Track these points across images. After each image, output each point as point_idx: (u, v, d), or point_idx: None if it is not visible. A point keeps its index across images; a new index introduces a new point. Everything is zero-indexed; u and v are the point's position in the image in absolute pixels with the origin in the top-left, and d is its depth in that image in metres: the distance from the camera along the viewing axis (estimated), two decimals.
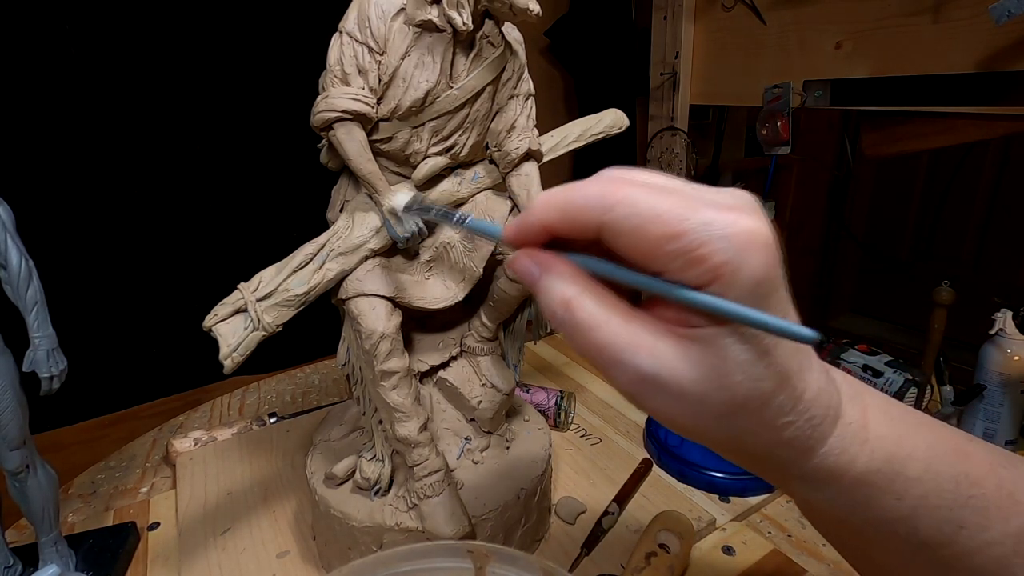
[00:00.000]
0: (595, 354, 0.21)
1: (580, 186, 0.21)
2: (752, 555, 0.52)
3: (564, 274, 0.21)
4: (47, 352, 0.46)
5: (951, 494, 0.23)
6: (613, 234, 0.20)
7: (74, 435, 1.05)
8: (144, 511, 0.60)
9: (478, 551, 0.28)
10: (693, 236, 0.18)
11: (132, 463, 0.69)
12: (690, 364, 0.20)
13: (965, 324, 0.80)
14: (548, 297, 0.22)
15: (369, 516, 0.44)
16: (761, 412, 0.21)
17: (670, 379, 0.20)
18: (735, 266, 0.18)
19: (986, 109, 0.74)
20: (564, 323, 0.21)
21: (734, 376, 0.20)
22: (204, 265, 1.12)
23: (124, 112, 0.99)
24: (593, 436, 0.69)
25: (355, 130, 0.40)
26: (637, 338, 0.20)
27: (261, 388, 0.85)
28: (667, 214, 0.19)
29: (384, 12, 0.39)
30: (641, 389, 0.21)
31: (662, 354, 0.20)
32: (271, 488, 0.60)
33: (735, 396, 0.20)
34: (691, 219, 0.18)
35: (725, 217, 0.19)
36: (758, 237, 0.19)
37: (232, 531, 0.54)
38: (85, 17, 0.93)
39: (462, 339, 0.51)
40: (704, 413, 0.21)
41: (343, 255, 0.42)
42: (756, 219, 0.19)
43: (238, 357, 0.39)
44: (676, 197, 0.19)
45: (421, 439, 0.44)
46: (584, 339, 0.21)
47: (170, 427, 0.77)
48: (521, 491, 0.47)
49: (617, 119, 0.53)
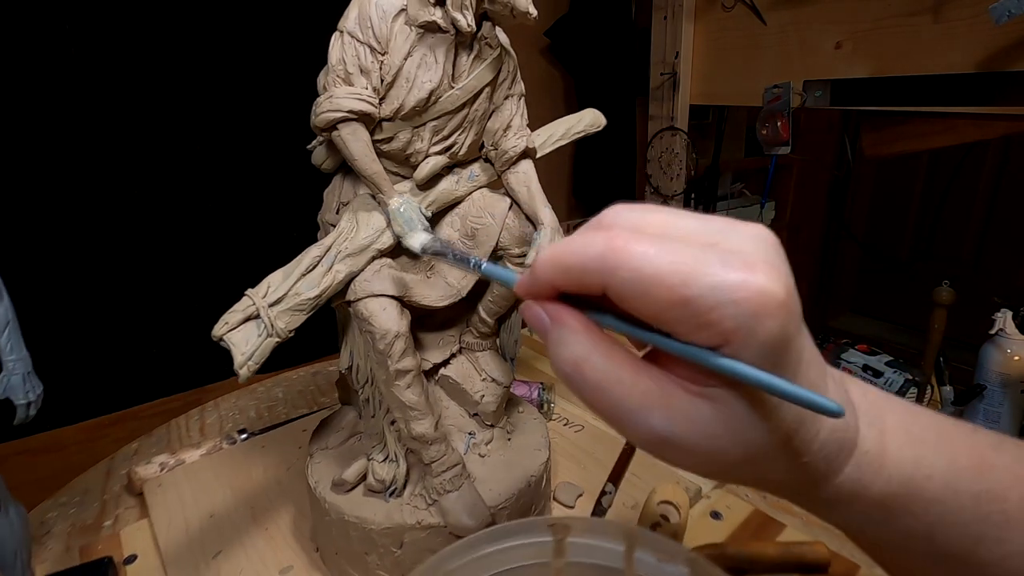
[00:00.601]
0: (606, 413, 0.21)
1: (582, 245, 0.19)
2: (737, 517, 0.55)
3: (574, 330, 0.21)
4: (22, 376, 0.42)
5: (970, 511, 0.23)
6: (618, 297, 0.19)
7: (74, 435, 1.05)
8: (115, 545, 0.55)
9: (558, 524, 0.29)
10: (700, 303, 0.18)
11: (87, 497, 0.62)
12: (703, 422, 0.20)
13: (965, 324, 0.80)
14: (557, 353, 0.21)
15: (387, 517, 0.44)
16: (774, 458, 0.21)
17: (682, 438, 0.20)
18: (747, 331, 0.18)
19: (986, 109, 0.74)
20: (572, 381, 0.21)
21: (747, 432, 0.20)
22: (204, 265, 1.12)
23: (124, 112, 0.99)
24: (575, 423, 0.71)
25: (360, 130, 0.40)
26: (648, 399, 0.20)
27: (220, 406, 0.79)
28: (671, 278, 0.18)
29: (385, 12, 0.39)
30: (656, 447, 0.21)
31: (674, 414, 0.20)
32: (258, 505, 0.58)
33: (748, 449, 0.20)
34: (698, 283, 0.17)
35: (735, 278, 0.17)
36: (771, 299, 0.18)
37: (224, 554, 0.52)
38: (85, 17, 0.93)
39: (461, 336, 0.52)
40: (720, 465, 0.21)
41: (351, 256, 0.42)
42: (770, 275, 0.18)
43: (253, 365, 0.39)
44: (682, 255, 0.18)
45: (437, 435, 0.45)
46: (594, 398, 0.21)
47: (123, 455, 0.70)
48: (531, 478, 0.48)
49: (595, 118, 0.54)
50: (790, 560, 0.47)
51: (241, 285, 0.42)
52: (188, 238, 1.10)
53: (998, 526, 0.23)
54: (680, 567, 0.28)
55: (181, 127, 1.05)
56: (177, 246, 1.09)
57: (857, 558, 0.50)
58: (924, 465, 0.23)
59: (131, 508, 0.61)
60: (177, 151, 1.06)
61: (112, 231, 1.02)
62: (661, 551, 0.28)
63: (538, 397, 0.72)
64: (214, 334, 0.39)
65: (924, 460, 0.23)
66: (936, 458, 0.23)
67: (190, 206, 1.09)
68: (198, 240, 1.11)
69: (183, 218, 1.09)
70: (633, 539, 0.29)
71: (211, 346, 0.40)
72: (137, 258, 1.06)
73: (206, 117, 1.07)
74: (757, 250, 0.19)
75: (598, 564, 0.29)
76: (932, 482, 0.23)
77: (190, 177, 1.08)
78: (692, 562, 0.27)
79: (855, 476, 0.22)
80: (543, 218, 0.46)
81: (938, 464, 0.23)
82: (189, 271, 1.11)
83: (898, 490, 0.23)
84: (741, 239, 0.19)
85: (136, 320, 1.08)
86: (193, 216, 1.10)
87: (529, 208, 0.47)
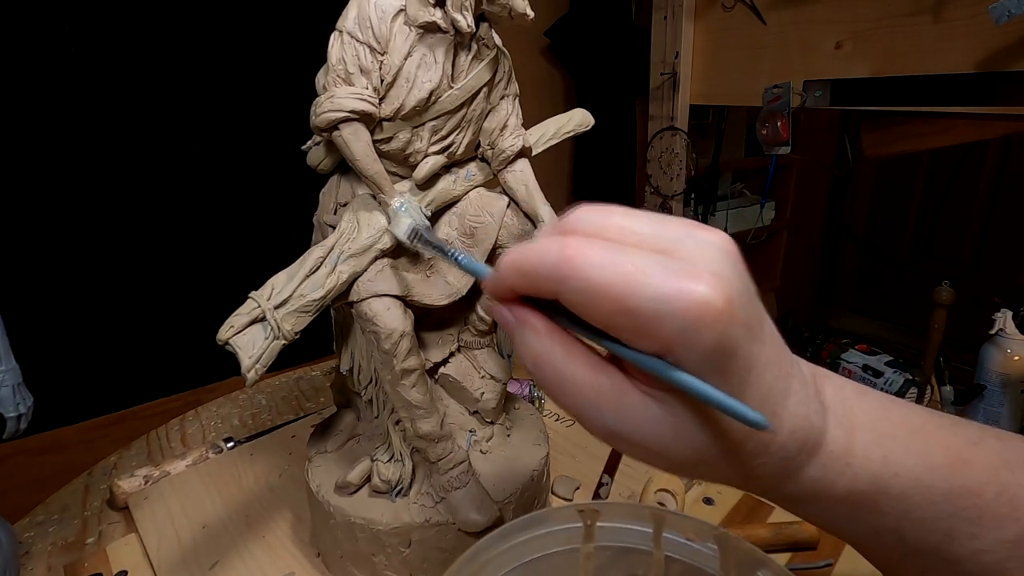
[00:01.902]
0: (566, 407, 0.22)
1: (539, 252, 0.20)
2: (729, 502, 0.57)
3: (536, 330, 0.22)
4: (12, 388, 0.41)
5: (940, 506, 0.23)
6: (569, 304, 0.20)
7: (74, 435, 1.05)
8: (102, 562, 0.53)
9: (588, 509, 0.30)
10: (642, 313, 0.18)
11: (66, 514, 0.60)
12: (652, 422, 0.21)
13: (965, 324, 0.80)
14: (522, 350, 0.22)
15: (395, 517, 0.44)
16: (728, 459, 0.21)
17: (633, 435, 0.21)
18: (686, 340, 0.18)
19: (986, 109, 0.74)
20: (535, 376, 0.22)
21: (692, 435, 0.21)
22: (204, 266, 1.12)
23: (124, 112, 0.99)
24: (566, 418, 0.72)
25: (361, 130, 0.40)
26: (602, 397, 0.21)
27: (201, 415, 0.77)
28: (615, 289, 0.19)
29: (384, 12, 0.39)
30: (610, 440, 0.22)
31: (625, 412, 0.21)
32: (252, 513, 0.57)
33: (698, 450, 0.21)
34: (640, 295, 0.18)
35: (676, 288, 0.18)
36: (709, 310, 0.18)
37: (221, 564, 0.51)
38: (85, 17, 0.93)
39: (459, 335, 0.52)
40: (670, 462, 0.22)
41: (354, 257, 0.42)
42: (713, 285, 0.18)
43: (261, 368, 0.39)
44: (628, 266, 0.19)
45: (443, 433, 0.45)
46: (553, 394, 0.22)
47: (102, 469, 0.68)
48: (533, 472, 0.49)
49: (584, 118, 0.54)
50: (781, 540, 0.49)
51: (240, 285, 0.42)
52: (187, 238, 1.10)
53: (971, 521, 0.23)
54: (709, 545, 0.28)
55: (181, 127, 1.05)
56: (176, 246, 1.09)
57: None
58: (892, 463, 0.23)
59: (115, 523, 0.59)
60: (177, 151, 1.06)
61: (112, 231, 1.02)
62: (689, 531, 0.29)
63: (530, 394, 0.73)
64: (220, 338, 0.38)
65: (892, 458, 0.23)
66: (905, 456, 0.23)
67: (189, 206, 1.09)
68: (197, 240, 1.11)
69: (182, 218, 1.09)
70: (661, 521, 0.30)
71: (211, 347, 0.39)
72: (137, 258, 1.06)
73: (206, 117, 1.07)
74: (706, 258, 0.19)
75: (628, 546, 0.30)
76: (899, 479, 0.23)
77: (189, 177, 1.08)
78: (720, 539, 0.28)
79: (818, 475, 0.23)
80: (543, 215, 0.46)
81: (907, 462, 0.23)
82: (188, 271, 1.11)
83: (865, 487, 0.23)
84: (695, 246, 0.20)
85: (136, 320, 1.08)
86: (192, 217, 1.10)
87: (528, 206, 0.47)
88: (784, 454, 0.22)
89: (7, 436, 0.42)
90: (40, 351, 0.99)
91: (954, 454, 0.24)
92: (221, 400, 0.80)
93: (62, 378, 1.02)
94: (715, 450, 0.21)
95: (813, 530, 0.49)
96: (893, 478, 0.23)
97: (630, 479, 0.59)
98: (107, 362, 1.07)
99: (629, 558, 0.30)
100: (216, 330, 0.39)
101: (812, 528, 0.49)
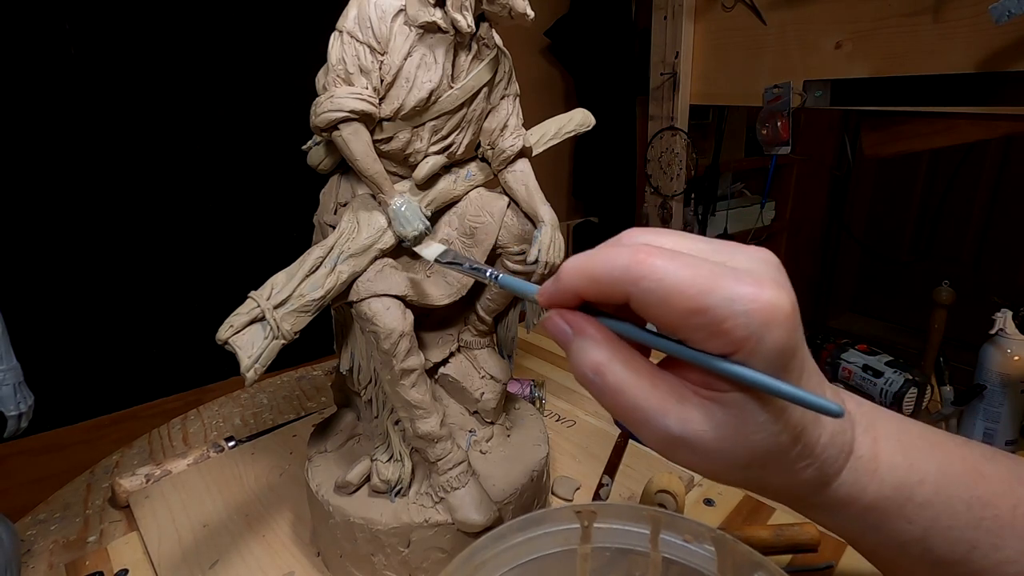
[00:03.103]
0: (624, 415, 0.22)
1: (607, 256, 0.21)
2: (729, 503, 0.57)
3: (595, 338, 0.22)
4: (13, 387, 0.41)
5: (963, 516, 0.24)
6: (640, 305, 0.20)
7: (74, 435, 1.05)
8: (103, 560, 0.54)
9: (585, 510, 0.30)
10: (716, 312, 0.19)
11: (68, 512, 0.61)
12: (714, 425, 0.21)
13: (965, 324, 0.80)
14: (579, 360, 0.22)
15: (395, 517, 0.44)
16: (780, 461, 0.22)
17: (695, 439, 0.21)
18: (757, 339, 0.19)
19: (986, 109, 0.74)
20: (594, 386, 0.22)
21: (755, 435, 0.21)
22: (204, 266, 1.12)
23: (124, 112, 0.99)
24: (567, 419, 0.72)
25: (361, 130, 0.40)
26: (664, 403, 0.21)
27: (203, 414, 0.77)
28: (690, 289, 0.19)
29: (384, 12, 0.39)
30: (670, 447, 0.22)
31: (688, 417, 0.21)
32: (253, 512, 0.57)
33: (755, 451, 0.21)
34: (714, 294, 0.19)
35: (747, 291, 0.19)
36: (779, 311, 0.19)
37: (222, 562, 0.51)
38: (85, 17, 0.93)
39: (459, 335, 0.52)
40: (728, 466, 0.22)
41: (353, 257, 0.42)
42: (777, 291, 0.20)
43: (260, 368, 0.39)
44: (700, 269, 0.20)
45: (443, 433, 0.45)
46: (613, 402, 0.22)
47: (103, 467, 0.68)
48: (533, 473, 0.49)
49: (585, 118, 0.54)
50: (782, 541, 0.49)
51: (240, 285, 0.42)
52: (187, 238, 1.10)
53: (992, 532, 0.24)
54: (706, 546, 0.28)
55: (181, 127, 1.05)
56: (177, 246, 1.09)
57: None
58: (916, 470, 0.24)
59: (116, 522, 0.59)
60: (177, 151, 1.06)
61: (113, 231, 1.02)
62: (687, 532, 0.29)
63: (530, 394, 0.73)
64: (219, 337, 0.38)
65: (916, 465, 0.24)
66: (928, 464, 0.24)
67: (189, 206, 1.09)
68: (197, 240, 1.11)
69: (183, 218, 1.09)
70: (658, 522, 0.30)
71: (211, 346, 0.39)
72: (137, 258, 1.06)
73: (206, 117, 1.08)
74: (763, 269, 0.21)
75: (624, 547, 0.30)
76: (924, 487, 0.24)
77: (189, 177, 1.08)
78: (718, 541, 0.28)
79: (851, 480, 0.23)
80: (543, 215, 0.46)
81: (930, 470, 0.24)
82: (188, 271, 1.11)
83: (891, 494, 0.24)
84: (747, 259, 0.21)
85: (136, 320, 1.08)
86: (193, 217, 1.10)
87: (528, 206, 0.47)
88: (826, 456, 0.23)
89: (8, 435, 0.42)
90: (41, 350, 0.99)
91: (971, 466, 0.25)
92: (223, 399, 0.80)
93: (63, 377, 1.02)
94: (770, 450, 0.21)
95: (814, 532, 0.49)
96: (918, 485, 0.24)
97: (630, 480, 0.59)
98: (108, 362, 1.07)
99: (627, 559, 0.30)
100: (216, 330, 0.39)
101: (813, 530, 0.49)
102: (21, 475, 0.97)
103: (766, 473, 0.22)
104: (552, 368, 0.85)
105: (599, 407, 0.72)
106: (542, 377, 0.81)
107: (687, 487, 0.58)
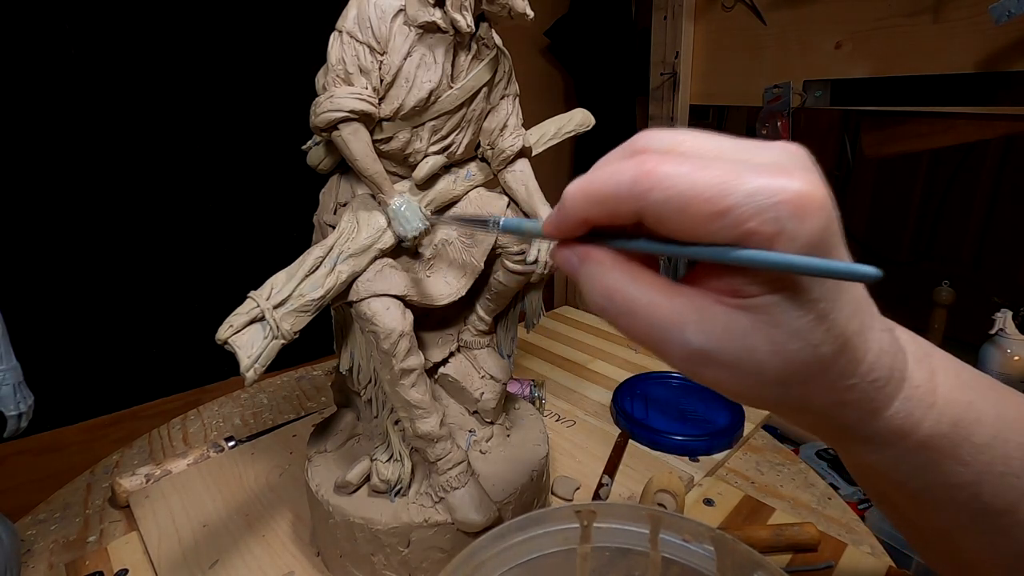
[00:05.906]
0: (643, 337, 0.20)
1: (610, 172, 0.19)
2: (729, 503, 0.57)
3: (603, 263, 0.21)
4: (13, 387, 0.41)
5: (1017, 463, 0.22)
6: (654, 220, 0.18)
7: (74, 435, 1.05)
8: (103, 560, 0.53)
9: (584, 510, 0.30)
10: (739, 212, 0.17)
11: (68, 512, 0.61)
12: (741, 334, 0.19)
13: (965, 324, 0.80)
14: (589, 288, 0.21)
15: (394, 517, 0.45)
16: (821, 377, 0.20)
17: (721, 352, 0.19)
18: (791, 233, 0.17)
19: (986, 109, 0.74)
20: (607, 311, 0.21)
21: (790, 344, 0.19)
22: (203, 266, 1.12)
23: (124, 112, 1.00)
24: (567, 419, 0.72)
25: (361, 130, 0.40)
26: (683, 315, 0.19)
27: (203, 414, 0.77)
28: (707, 191, 0.17)
29: (384, 12, 0.39)
30: (693, 364, 0.20)
31: (711, 327, 0.19)
32: (253, 512, 0.57)
33: (792, 364, 0.19)
34: (735, 192, 0.17)
35: (773, 183, 0.17)
36: (811, 200, 0.17)
37: (222, 562, 0.51)
38: (85, 17, 0.93)
39: (459, 335, 0.52)
40: (761, 382, 0.20)
41: (353, 257, 0.42)
42: (807, 179, 0.17)
43: (260, 368, 0.38)
44: (716, 168, 0.17)
45: (442, 433, 0.45)
46: (629, 323, 0.20)
47: (104, 467, 0.68)
48: (533, 472, 0.49)
49: (585, 118, 0.54)
50: (782, 541, 0.49)
51: (240, 285, 0.42)
52: (187, 238, 1.10)
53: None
54: (706, 546, 0.28)
55: (181, 127, 1.05)
56: (177, 246, 1.09)
57: (844, 537, 0.52)
58: (974, 409, 0.22)
59: (116, 522, 0.59)
60: (177, 151, 1.06)
61: (113, 231, 1.02)
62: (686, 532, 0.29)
63: (530, 394, 0.73)
64: (218, 337, 0.38)
65: (974, 404, 0.22)
66: (985, 404, 0.23)
67: (189, 206, 1.09)
68: (197, 240, 1.11)
69: (183, 218, 1.09)
70: (658, 522, 0.30)
71: (210, 347, 0.40)
72: (137, 258, 1.06)
73: (206, 117, 1.08)
74: (790, 160, 0.19)
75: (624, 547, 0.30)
76: (982, 427, 0.22)
77: (189, 177, 1.08)
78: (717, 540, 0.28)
79: (905, 410, 0.21)
80: (543, 215, 0.46)
81: (988, 410, 0.23)
82: (188, 272, 1.11)
83: (948, 431, 0.22)
84: (772, 153, 0.19)
85: (136, 321, 1.08)
86: (193, 217, 1.10)
87: (528, 206, 0.47)
88: (873, 378, 0.21)
89: (8, 435, 0.42)
90: (41, 350, 0.99)
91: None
92: (223, 399, 0.80)
93: (63, 377, 1.02)
94: (806, 362, 0.19)
95: (814, 532, 0.49)
96: (976, 424, 0.22)
97: (630, 480, 0.59)
98: (108, 362, 1.07)
99: (626, 559, 0.30)
100: (216, 330, 0.39)
101: (813, 530, 0.49)
102: (21, 475, 0.98)
103: (808, 391, 0.20)
104: (552, 368, 0.85)
105: (597, 407, 0.74)
106: (542, 377, 0.81)
107: (687, 487, 0.58)
